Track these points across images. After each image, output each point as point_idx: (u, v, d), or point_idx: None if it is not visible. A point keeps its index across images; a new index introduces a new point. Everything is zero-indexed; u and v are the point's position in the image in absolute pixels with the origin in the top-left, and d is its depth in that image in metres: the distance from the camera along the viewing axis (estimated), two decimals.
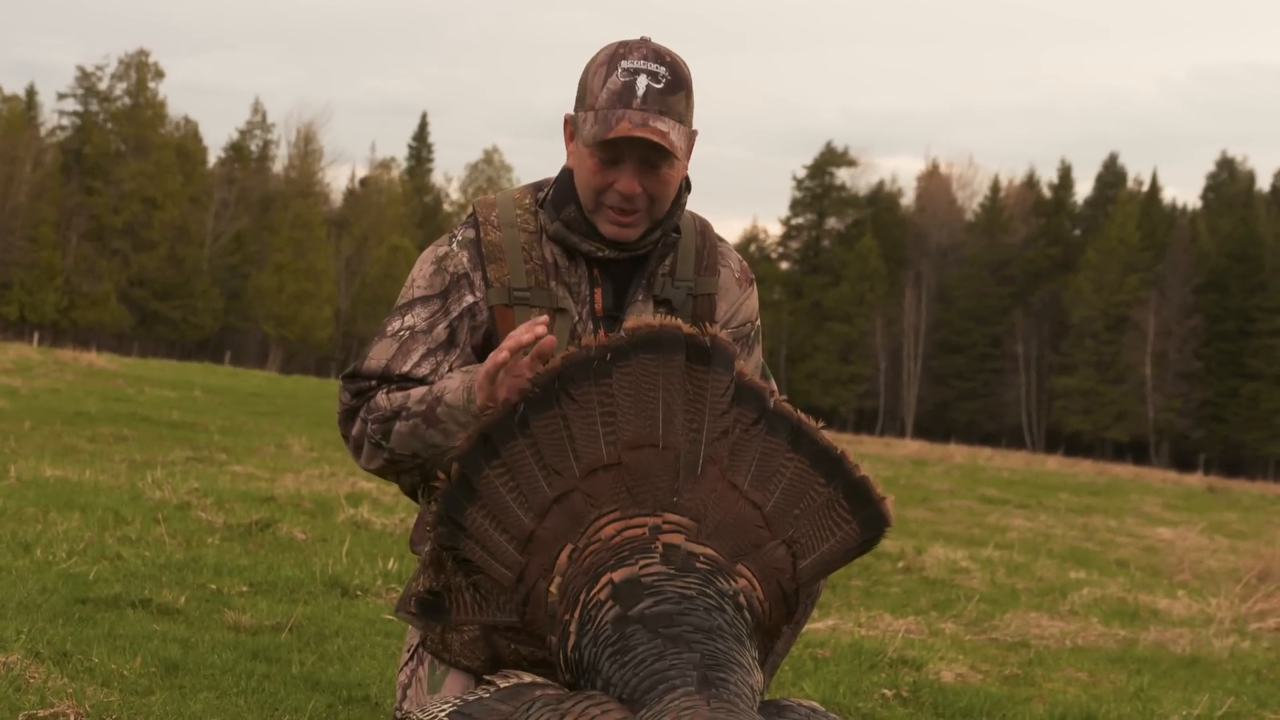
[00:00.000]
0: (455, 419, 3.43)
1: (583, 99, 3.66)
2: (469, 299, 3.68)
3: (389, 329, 3.69)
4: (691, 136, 3.70)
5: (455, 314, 3.68)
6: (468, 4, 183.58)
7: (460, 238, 3.75)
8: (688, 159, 3.73)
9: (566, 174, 3.76)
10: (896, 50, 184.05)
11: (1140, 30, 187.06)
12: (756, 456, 3.27)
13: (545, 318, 3.33)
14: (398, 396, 3.57)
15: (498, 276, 3.68)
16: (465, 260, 3.71)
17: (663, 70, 3.61)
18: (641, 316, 3.40)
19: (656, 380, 3.25)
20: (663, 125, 3.56)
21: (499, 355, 3.32)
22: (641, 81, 3.58)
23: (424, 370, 3.64)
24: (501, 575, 3.25)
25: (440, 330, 3.67)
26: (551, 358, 3.27)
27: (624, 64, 3.60)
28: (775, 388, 3.71)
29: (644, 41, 3.66)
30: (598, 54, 3.67)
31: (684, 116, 3.63)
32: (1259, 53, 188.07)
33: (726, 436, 3.26)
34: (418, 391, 3.54)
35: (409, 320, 3.69)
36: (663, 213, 3.71)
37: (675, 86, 3.61)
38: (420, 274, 3.74)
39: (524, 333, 3.31)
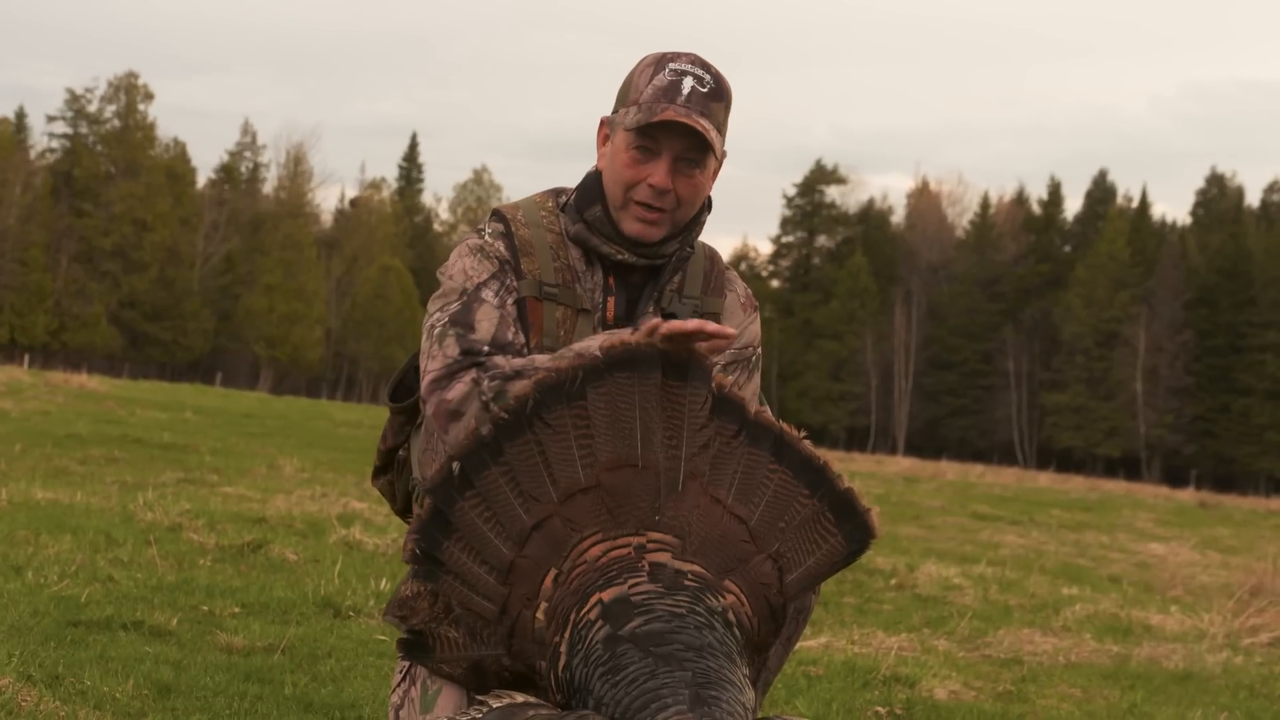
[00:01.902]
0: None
1: (625, 96, 3.72)
2: (513, 283, 3.69)
3: (483, 296, 3.64)
4: (723, 154, 3.75)
5: (514, 296, 3.68)
6: (456, 26, 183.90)
7: (492, 230, 3.75)
8: (714, 177, 3.78)
9: (593, 176, 3.78)
10: (886, 68, 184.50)
11: (1129, 48, 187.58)
12: (739, 469, 3.25)
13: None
14: (519, 360, 3.53)
15: (530, 269, 3.69)
16: (503, 248, 3.72)
17: (708, 77, 3.69)
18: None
19: (633, 399, 3.23)
20: (704, 123, 3.61)
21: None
22: (687, 82, 3.65)
23: (514, 342, 3.62)
24: (484, 609, 3.22)
25: (510, 307, 3.67)
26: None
27: (672, 65, 3.68)
28: (769, 412, 3.71)
29: (691, 53, 3.74)
30: (645, 57, 3.75)
31: (721, 126, 3.71)
32: (1248, 69, 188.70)
33: (707, 450, 3.25)
34: (542, 357, 3.50)
35: (486, 296, 3.64)
36: (686, 219, 3.74)
37: (718, 95, 3.69)
38: (469, 264, 3.70)
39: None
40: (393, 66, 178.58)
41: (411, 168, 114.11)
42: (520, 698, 3.08)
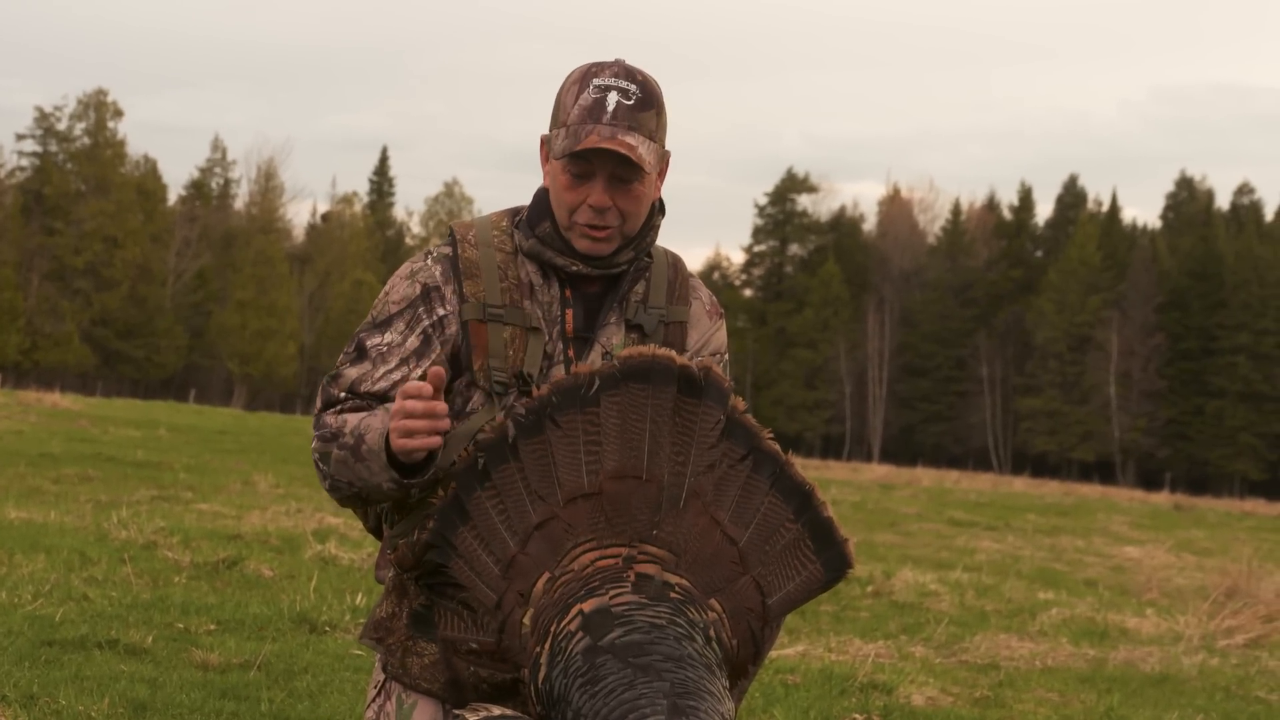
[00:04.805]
0: (377, 461, 3.43)
1: (556, 116, 3.69)
2: (439, 311, 3.68)
3: (368, 344, 3.68)
4: (663, 156, 3.72)
5: (427, 322, 3.68)
6: (425, 38, 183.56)
7: (436, 253, 3.76)
8: (661, 178, 3.76)
9: (543, 193, 3.78)
10: (856, 75, 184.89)
11: (1097, 51, 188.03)
12: (739, 493, 3.30)
13: (431, 376, 3.32)
14: (342, 418, 3.57)
15: (473, 292, 3.68)
16: (438, 273, 3.71)
17: (633, 88, 3.63)
18: (638, 346, 3.45)
19: (644, 411, 3.29)
20: (631, 140, 3.58)
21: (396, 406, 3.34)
22: (612, 98, 3.61)
23: (394, 378, 3.63)
24: (485, 596, 3.30)
25: (412, 340, 3.67)
26: (441, 387, 3.31)
27: (596, 81, 3.63)
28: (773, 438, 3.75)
29: (617, 61, 3.70)
30: (572, 72, 3.70)
31: (655, 134, 3.65)
32: (1217, 72, 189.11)
33: (713, 470, 3.30)
34: (354, 418, 3.53)
35: (388, 336, 3.69)
36: (635, 230, 3.72)
37: (646, 104, 3.64)
38: (395, 288, 3.74)
39: (411, 390, 3.31)
40: (362, 79, 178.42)
41: (382, 181, 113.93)
42: (497, 710, 3.08)
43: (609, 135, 3.56)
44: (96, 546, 9.52)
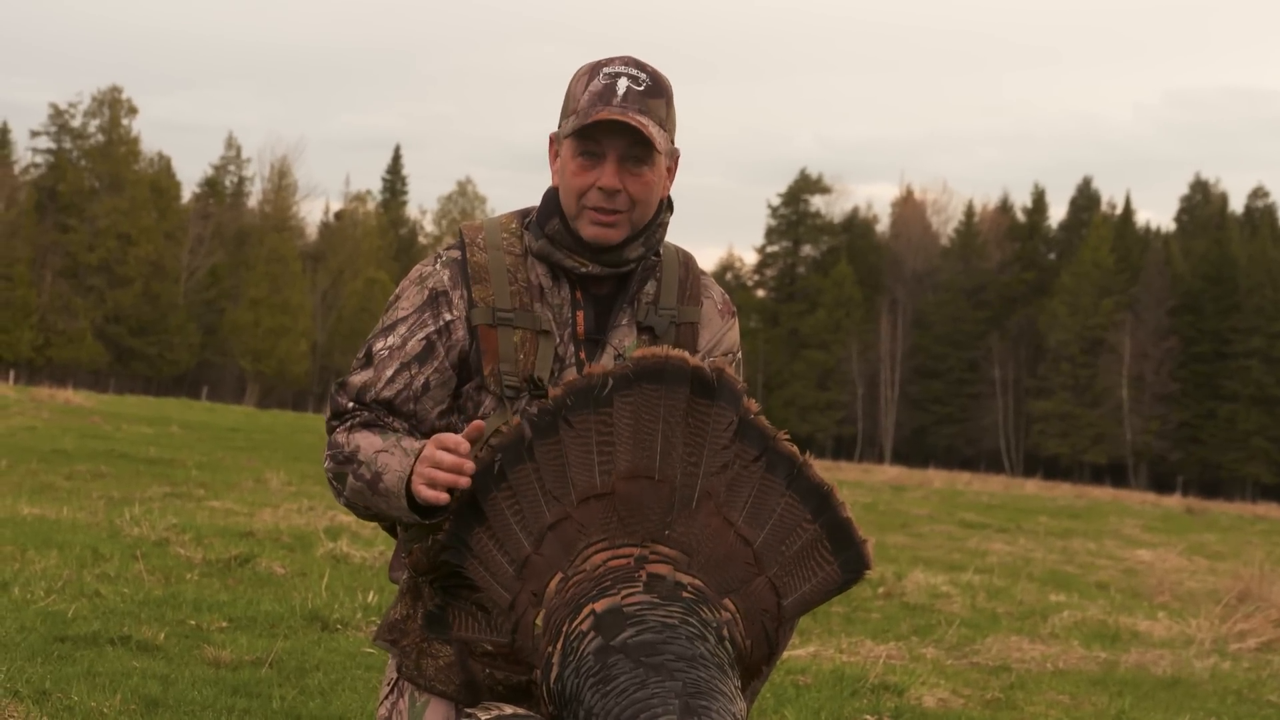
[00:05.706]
0: (396, 500, 3.43)
1: (566, 108, 3.68)
2: (446, 316, 3.68)
3: (375, 349, 3.70)
4: (673, 152, 3.72)
5: (432, 328, 3.68)
6: (437, 39, 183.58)
7: (445, 257, 3.75)
8: (670, 177, 3.75)
9: (551, 192, 3.77)
10: (869, 78, 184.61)
11: (1112, 55, 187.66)
12: (753, 494, 3.30)
13: (470, 430, 3.35)
14: (354, 439, 3.57)
15: (482, 297, 3.67)
16: (446, 278, 3.70)
17: (644, 75, 3.63)
18: (651, 346, 3.45)
19: (657, 412, 3.29)
20: (643, 119, 3.58)
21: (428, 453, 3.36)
22: (622, 83, 3.61)
23: (397, 385, 3.63)
24: (499, 597, 3.31)
25: (413, 344, 3.67)
26: (480, 441, 3.35)
27: (605, 70, 3.63)
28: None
29: (625, 55, 3.70)
30: (581, 67, 3.71)
31: (665, 122, 3.65)
32: (1231, 76, 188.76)
33: (725, 471, 3.30)
34: (366, 445, 3.53)
35: (391, 340, 3.69)
36: (644, 220, 3.70)
37: (656, 92, 3.64)
38: (404, 293, 3.74)
39: (448, 443, 3.33)
40: (375, 79, 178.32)
41: (395, 180, 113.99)
42: (509, 709, 3.08)
43: (620, 113, 3.57)
44: (109, 543, 9.54)
